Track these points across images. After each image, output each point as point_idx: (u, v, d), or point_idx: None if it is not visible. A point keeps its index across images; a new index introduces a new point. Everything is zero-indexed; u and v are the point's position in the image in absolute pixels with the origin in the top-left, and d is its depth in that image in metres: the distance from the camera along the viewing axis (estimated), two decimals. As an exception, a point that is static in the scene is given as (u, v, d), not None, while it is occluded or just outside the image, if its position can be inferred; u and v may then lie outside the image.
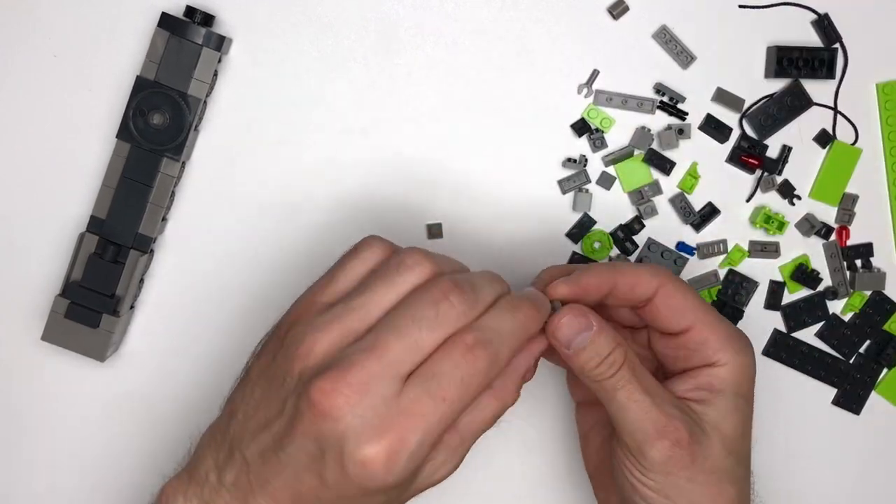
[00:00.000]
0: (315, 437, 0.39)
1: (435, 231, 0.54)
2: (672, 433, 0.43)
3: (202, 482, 0.42)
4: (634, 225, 0.55)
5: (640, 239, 0.56)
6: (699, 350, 0.46)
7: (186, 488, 0.42)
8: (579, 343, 0.43)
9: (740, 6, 0.54)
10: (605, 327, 0.44)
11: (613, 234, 0.56)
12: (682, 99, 0.55)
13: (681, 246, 0.56)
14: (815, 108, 0.55)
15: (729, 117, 0.55)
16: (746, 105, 0.55)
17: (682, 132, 0.55)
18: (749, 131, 0.55)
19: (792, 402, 0.58)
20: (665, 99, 0.54)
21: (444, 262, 0.43)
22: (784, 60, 0.54)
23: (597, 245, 0.55)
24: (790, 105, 0.55)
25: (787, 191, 0.56)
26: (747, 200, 0.56)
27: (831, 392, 0.58)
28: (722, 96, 0.54)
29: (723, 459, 0.44)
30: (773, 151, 0.56)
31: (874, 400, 0.58)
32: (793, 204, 0.56)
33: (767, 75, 0.55)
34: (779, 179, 0.56)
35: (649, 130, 0.55)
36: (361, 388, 0.38)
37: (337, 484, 0.39)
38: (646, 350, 0.49)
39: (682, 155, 0.55)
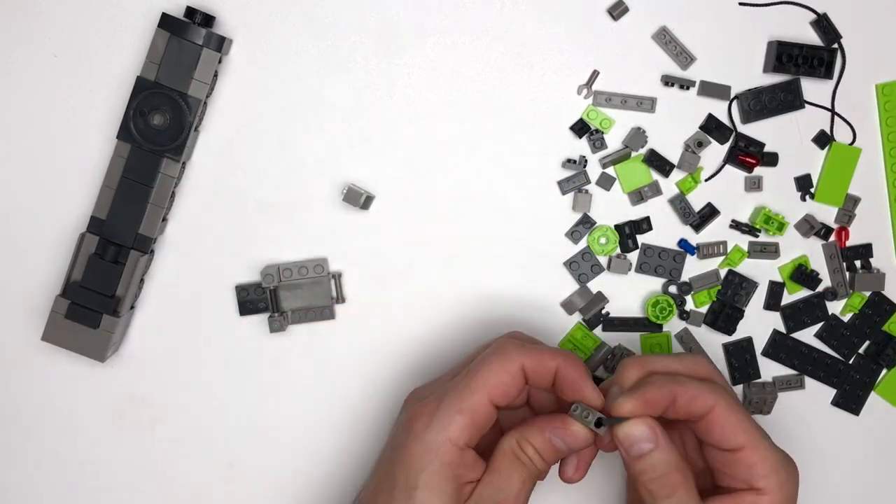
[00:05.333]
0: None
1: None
2: None
3: None
4: (643, 224, 0.56)
5: (644, 240, 0.56)
6: (746, 472, 0.46)
7: None
8: (638, 450, 0.46)
9: (740, 3, 0.54)
10: (669, 448, 0.46)
11: (620, 227, 0.56)
12: (692, 84, 0.54)
13: (683, 244, 0.56)
14: (814, 109, 0.55)
15: (720, 111, 0.55)
16: (734, 92, 0.55)
17: (700, 145, 0.55)
18: (735, 115, 0.55)
19: (792, 403, 0.58)
20: (675, 88, 0.54)
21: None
22: (784, 56, 0.54)
23: (603, 241, 0.55)
24: (782, 99, 0.55)
25: (805, 185, 0.56)
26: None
27: (831, 392, 0.58)
28: (706, 88, 0.54)
29: None
30: (770, 146, 0.56)
31: (874, 400, 0.58)
32: (804, 199, 0.56)
33: (766, 70, 0.55)
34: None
35: (644, 131, 0.55)
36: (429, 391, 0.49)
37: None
38: (697, 454, 0.50)
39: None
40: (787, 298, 0.57)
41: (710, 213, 0.56)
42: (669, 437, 0.46)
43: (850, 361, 0.58)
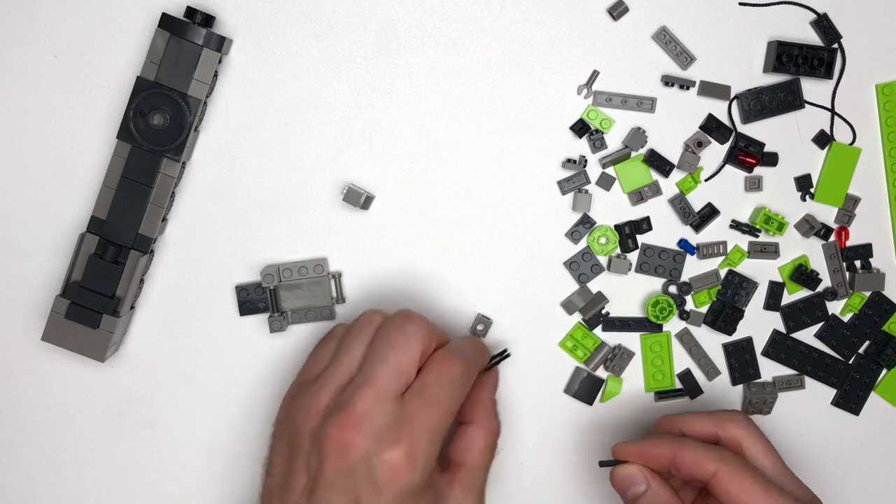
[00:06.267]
0: (345, 471, 0.44)
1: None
2: None
3: None
4: (643, 224, 0.56)
5: (644, 240, 0.56)
6: None
7: None
8: (633, 492, 0.49)
9: (740, 3, 0.54)
10: (661, 489, 0.49)
11: (620, 228, 0.56)
12: (692, 84, 0.54)
13: (683, 243, 0.56)
14: (814, 109, 0.55)
15: (720, 111, 0.55)
16: (734, 92, 0.55)
17: (700, 145, 0.55)
18: (735, 115, 0.55)
19: (792, 403, 0.58)
20: (675, 88, 0.54)
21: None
22: (784, 56, 0.54)
23: (602, 241, 0.55)
24: (783, 99, 0.55)
25: (805, 185, 0.56)
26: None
27: (831, 392, 0.58)
28: (706, 88, 0.54)
29: None
30: (770, 146, 0.56)
31: (873, 400, 0.58)
32: (804, 199, 0.56)
33: (766, 70, 0.55)
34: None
35: (644, 131, 0.55)
36: (368, 413, 0.44)
37: (373, 502, 0.44)
38: None
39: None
40: (787, 298, 0.57)
41: (710, 213, 0.56)
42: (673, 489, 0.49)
43: (850, 361, 0.58)
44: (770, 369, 0.58)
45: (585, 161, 0.55)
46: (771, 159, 0.56)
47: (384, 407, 0.45)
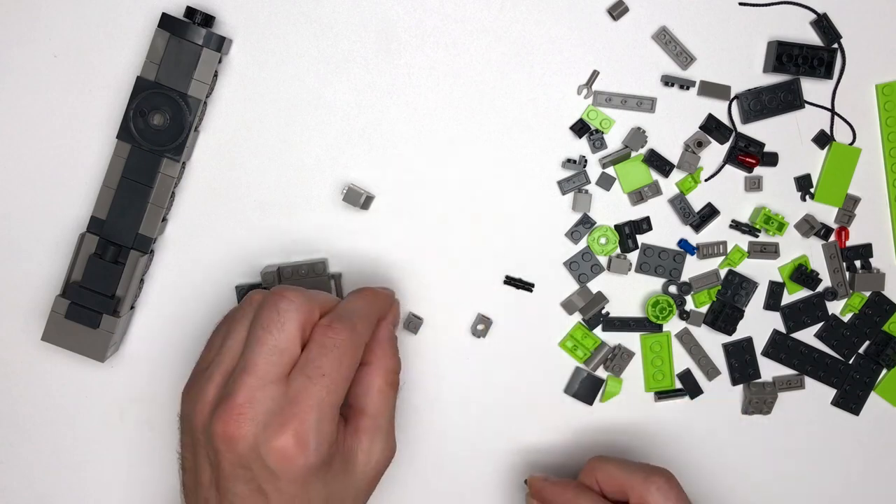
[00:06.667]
0: (238, 461, 0.43)
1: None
2: None
3: None
4: (643, 224, 0.56)
5: (644, 240, 0.56)
6: None
7: None
8: None
9: (740, 3, 0.54)
10: None
11: (620, 228, 0.56)
12: (692, 84, 0.54)
13: (683, 244, 0.56)
14: (814, 109, 0.55)
15: (720, 111, 0.55)
16: (734, 92, 0.55)
17: (700, 145, 0.55)
18: (735, 115, 0.55)
19: (792, 403, 0.58)
20: (675, 88, 0.54)
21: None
22: (784, 56, 0.54)
23: (602, 241, 0.55)
24: (783, 99, 0.55)
25: (805, 185, 0.56)
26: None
27: (831, 392, 0.58)
28: (706, 88, 0.54)
29: None
30: (770, 146, 0.56)
31: (873, 400, 0.58)
32: (804, 199, 0.56)
33: (766, 70, 0.55)
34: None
35: (644, 131, 0.55)
36: (249, 402, 0.43)
37: (274, 489, 0.43)
38: None
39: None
40: (787, 298, 0.57)
41: (710, 213, 0.56)
42: None
43: (850, 361, 0.58)
44: (770, 369, 0.58)
45: (585, 161, 0.55)
46: (771, 159, 0.56)
47: (266, 392, 0.43)
